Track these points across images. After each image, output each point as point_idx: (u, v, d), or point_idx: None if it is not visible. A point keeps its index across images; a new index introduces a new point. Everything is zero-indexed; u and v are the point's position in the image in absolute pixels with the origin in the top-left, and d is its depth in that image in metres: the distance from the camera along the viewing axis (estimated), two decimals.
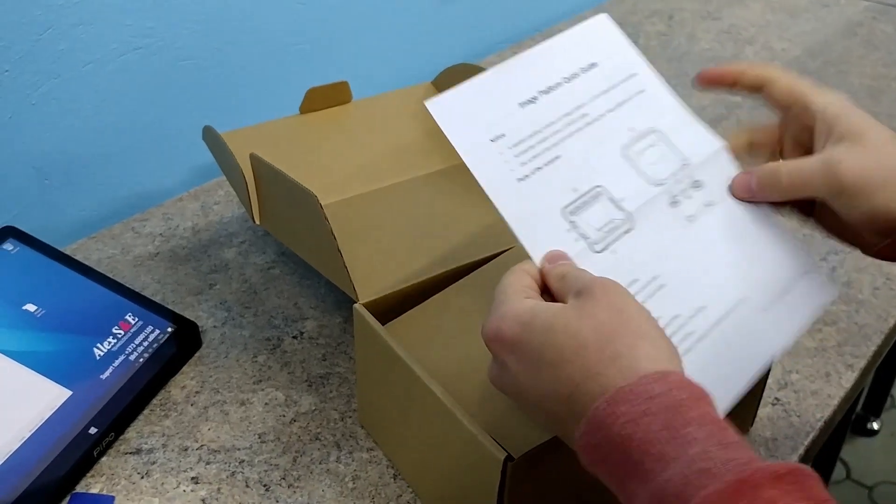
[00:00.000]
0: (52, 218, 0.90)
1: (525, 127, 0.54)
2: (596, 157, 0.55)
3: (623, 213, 0.53)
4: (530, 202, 0.52)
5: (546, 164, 0.53)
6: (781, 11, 1.51)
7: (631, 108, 0.57)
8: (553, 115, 0.55)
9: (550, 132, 0.54)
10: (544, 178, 0.53)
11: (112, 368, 0.69)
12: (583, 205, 0.53)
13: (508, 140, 0.53)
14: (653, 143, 0.57)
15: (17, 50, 0.80)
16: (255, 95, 1.02)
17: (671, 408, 0.40)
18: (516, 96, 0.55)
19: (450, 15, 1.22)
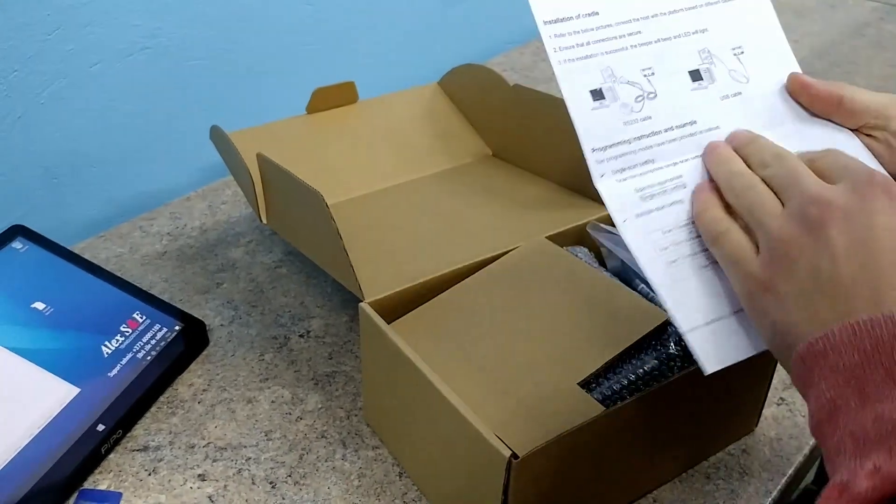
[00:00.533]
0: (60, 217, 0.91)
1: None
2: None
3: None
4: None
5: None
6: (788, 12, 1.51)
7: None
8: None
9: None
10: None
11: (120, 366, 0.69)
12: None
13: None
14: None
15: (25, 50, 0.81)
16: (262, 96, 1.03)
17: None
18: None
19: (455, 16, 1.22)
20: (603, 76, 0.53)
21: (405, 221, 0.75)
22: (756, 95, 0.56)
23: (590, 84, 0.53)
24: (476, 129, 0.89)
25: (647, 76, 0.54)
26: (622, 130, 0.52)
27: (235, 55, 0.98)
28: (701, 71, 0.55)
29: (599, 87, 0.53)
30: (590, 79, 0.53)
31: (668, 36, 0.56)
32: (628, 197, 0.51)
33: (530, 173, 0.82)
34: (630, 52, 0.54)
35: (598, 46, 0.54)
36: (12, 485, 0.60)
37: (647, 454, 0.60)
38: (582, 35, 0.54)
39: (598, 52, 0.54)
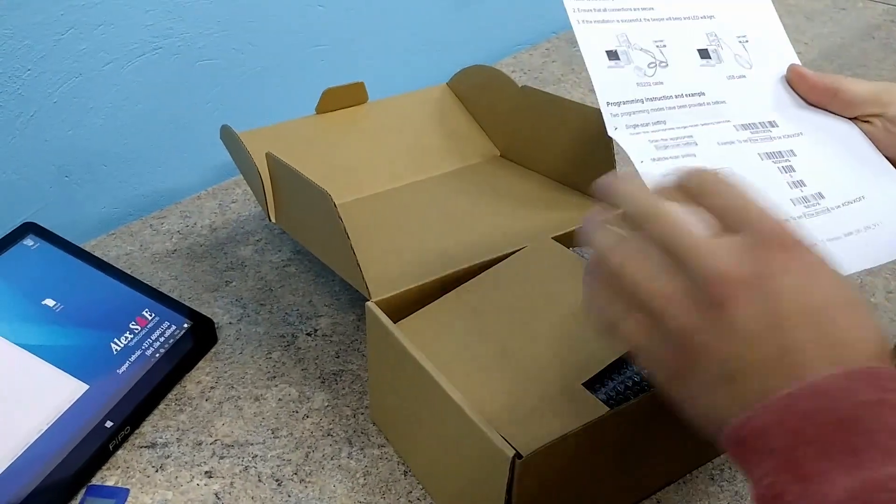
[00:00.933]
0: (72, 214, 0.92)
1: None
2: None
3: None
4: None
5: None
6: (798, 14, 1.50)
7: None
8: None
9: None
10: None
11: (128, 363, 0.70)
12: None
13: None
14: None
15: (39, 49, 0.81)
16: (272, 95, 1.03)
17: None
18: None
19: (466, 17, 1.23)
20: (618, 40, 0.56)
21: (413, 221, 0.75)
22: (759, 81, 0.58)
23: (606, 45, 0.56)
24: (484, 130, 0.89)
25: (660, 47, 0.56)
26: (635, 90, 0.54)
27: (247, 55, 0.98)
28: (709, 51, 0.58)
29: (615, 49, 0.55)
30: (606, 40, 0.56)
31: (678, 16, 0.58)
32: (644, 146, 0.53)
33: (538, 174, 0.82)
34: (643, 23, 0.57)
35: (613, 14, 0.57)
36: (22, 480, 0.61)
37: (652, 455, 0.61)
38: (599, 1, 0.56)
39: (614, 18, 0.57)
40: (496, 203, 0.77)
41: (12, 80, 0.81)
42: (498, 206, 0.77)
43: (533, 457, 0.50)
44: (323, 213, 0.63)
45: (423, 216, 0.76)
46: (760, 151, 0.54)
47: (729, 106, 0.56)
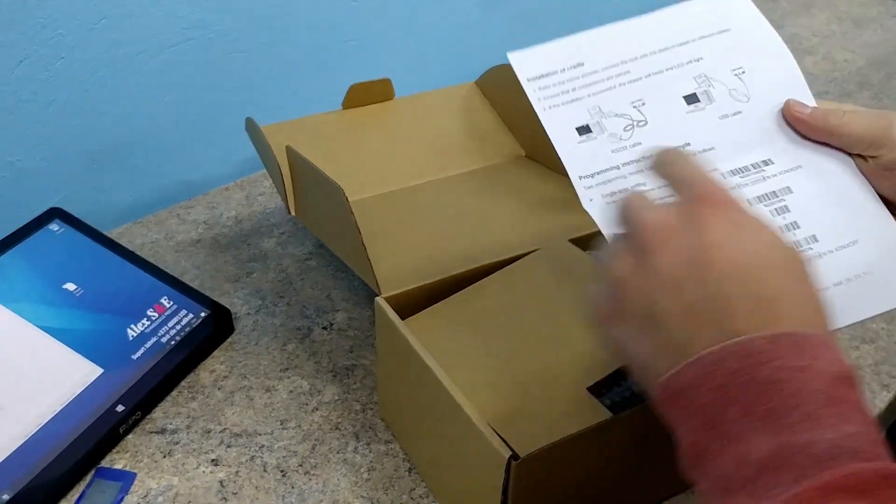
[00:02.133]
0: (100, 201, 0.93)
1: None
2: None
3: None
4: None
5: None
6: (848, 21, 1.47)
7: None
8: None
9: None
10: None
11: (144, 349, 0.71)
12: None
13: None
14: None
15: (72, 38, 0.83)
16: (300, 89, 1.04)
17: (836, 377, 0.37)
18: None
19: (497, 16, 1.22)
20: (590, 114, 0.54)
21: (430, 219, 0.75)
22: (757, 115, 0.56)
23: (576, 122, 0.54)
24: (510, 130, 0.89)
25: (638, 107, 0.55)
26: (610, 157, 0.53)
27: (277, 48, 0.99)
28: (698, 94, 0.56)
29: (586, 123, 0.54)
30: (575, 117, 0.54)
31: (659, 70, 0.56)
32: None
33: (561, 175, 0.81)
34: (617, 90, 0.56)
35: (583, 91, 0.55)
36: (32, 460, 0.62)
37: (656, 463, 0.60)
38: (567, 84, 0.56)
39: (584, 94, 0.55)
40: (516, 203, 0.77)
41: (45, 68, 0.82)
42: (517, 206, 0.76)
43: (529, 459, 0.50)
44: (337, 207, 0.63)
45: (440, 214, 0.76)
46: (752, 196, 0.52)
47: (718, 152, 0.54)
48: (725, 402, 0.37)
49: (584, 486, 0.56)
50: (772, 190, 0.53)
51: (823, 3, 1.52)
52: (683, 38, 0.57)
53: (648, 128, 0.54)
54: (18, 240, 0.76)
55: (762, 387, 0.36)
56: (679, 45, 0.57)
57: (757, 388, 0.36)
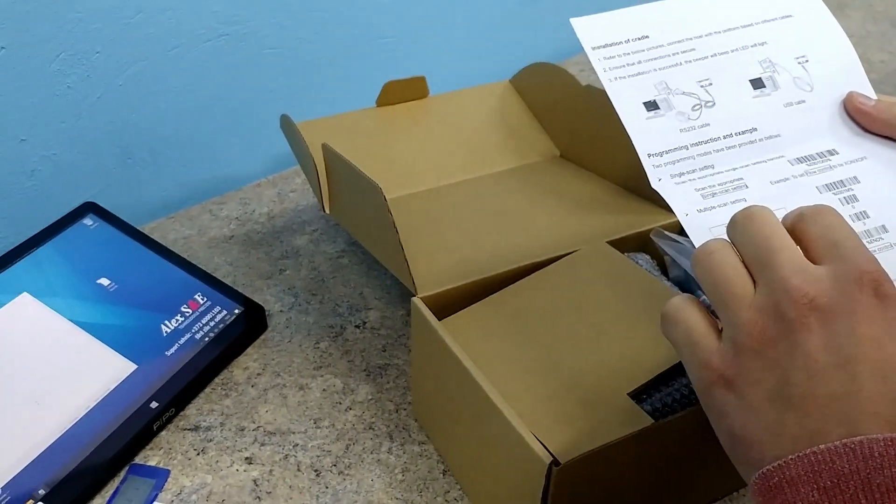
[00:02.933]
0: (133, 196, 0.93)
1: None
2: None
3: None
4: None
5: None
6: (885, 22, 1.45)
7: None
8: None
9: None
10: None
11: (177, 346, 0.71)
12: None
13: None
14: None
15: (108, 32, 0.83)
16: (334, 86, 1.04)
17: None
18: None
19: (534, 14, 1.21)
20: (657, 89, 0.53)
21: (465, 218, 0.74)
22: (820, 104, 0.55)
23: (643, 97, 0.53)
24: (545, 129, 0.88)
25: (705, 86, 0.54)
26: (679, 137, 0.51)
27: (311, 45, 0.99)
28: (763, 79, 0.54)
29: (653, 99, 0.53)
30: (643, 92, 0.53)
31: (725, 50, 0.55)
32: (690, 195, 0.50)
33: (597, 175, 0.80)
34: (684, 66, 0.54)
35: (649, 65, 0.54)
36: (67, 455, 0.62)
37: (696, 470, 0.59)
38: (633, 56, 0.54)
39: (651, 69, 0.54)
40: (552, 204, 0.76)
41: (81, 63, 0.82)
42: (553, 206, 0.75)
43: (570, 465, 0.49)
44: (374, 206, 0.63)
45: (476, 214, 0.75)
46: (819, 184, 0.51)
47: (784, 139, 0.53)
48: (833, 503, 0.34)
49: (623, 492, 0.55)
50: (839, 179, 0.52)
51: (858, 2, 1.50)
52: (747, 19, 0.56)
53: (716, 109, 0.53)
54: (53, 234, 0.76)
55: (877, 495, 0.33)
56: (743, 27, 0.56)
57: (871, 494, 0.33)
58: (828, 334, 0.37)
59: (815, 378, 0.37)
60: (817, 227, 0.40)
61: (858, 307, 0.37)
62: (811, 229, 0.40)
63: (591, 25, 0.55)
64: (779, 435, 0.37)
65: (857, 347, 0.36)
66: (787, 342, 0.37)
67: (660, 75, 0.54)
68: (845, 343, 0.36)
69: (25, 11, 0.77)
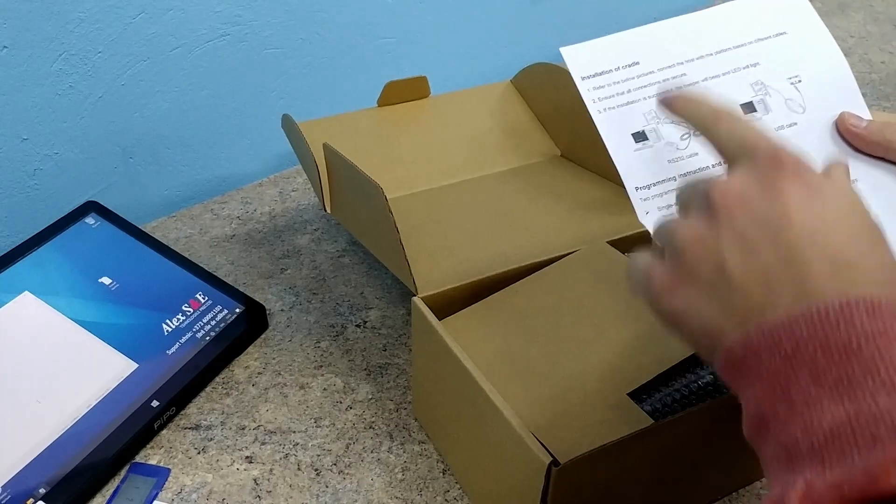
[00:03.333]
0: (135, 195, 0.93)
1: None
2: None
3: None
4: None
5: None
6: (886, 22, 1.45)
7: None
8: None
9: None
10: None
11: (178, 345, 0.71)
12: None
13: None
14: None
15: (110, 32, 0.83)
16: (336, 86, 1.04)
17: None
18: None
19: (535, 15, 1.21)
20: (646, 118, 0.53)
21: (466, 218, 0.75)
22: (811, 126, 0.54)
23: (632, 128, 0.53)
24: (546, 129, 0.88)
25: None
26: (667, 168, 0.51)
27: (312, 45, 0.99)
28: (755, 103, 0.54)
29: (642, 129, 0.52)
30: (631, 122, 0.53)
31: (716, 74, 0.55)
32: None
33: (598, 176, 0.81)
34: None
35: (639, 93, 0.54)
36: (68, 453, 0.62)
37: (696, 470, 0.59)
38: (622, 84, 0.54)
39: (640, 97, 0.54)
40: (553, 204, 0.76)
41: (83, 62, 0.83)
42: (554, 206, 0.75)
43: (570, 465, 0.49)
44: (375, 205, 0.63)
45: (477, 214, 0.75)
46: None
47: None
48: (796, 368, 0.35)
49: (623, 492, 0.56)
50: None
51: (859, 3, 1.50)
52: (740, 39, 0.56)
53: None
54: (55, 233, 0.76)
55: (836, 352, 0.35)
56: (735, 48, 0.56)
57: (829, 354, 0.35)
58: (754, 213, 0.39)
59: (750, 253, 0.38)
60: (721, 132, 0.43)
61: (777, 183, 0.39)
62: (717, 136, 0.44)
63: (581, 53, 0.55)
64: (731, 316, 0.38)
65: (785, 217, 0.38)
66: (715, 231, 0.39)
67: (649, 104, 0.53)
68: (773, 216, 0.38)
69: (28, 11, 0.77)
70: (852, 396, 0.34)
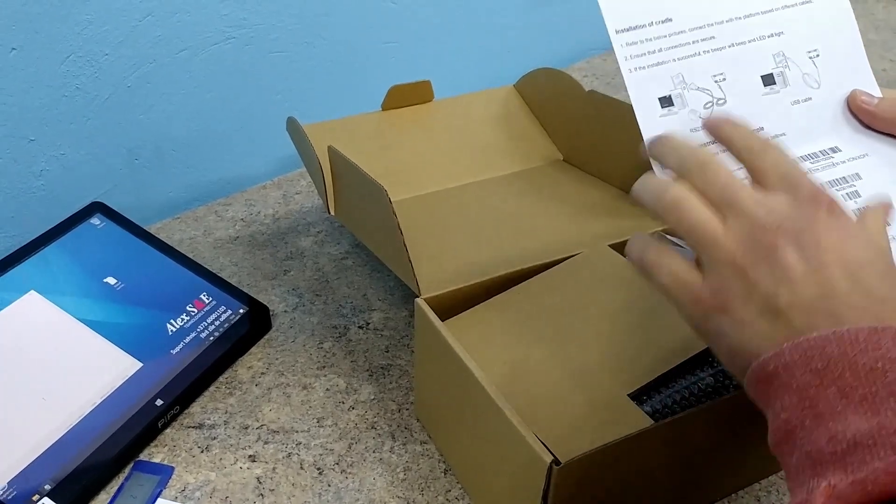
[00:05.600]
0: (140, 196, 0.94)
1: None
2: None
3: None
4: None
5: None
6: (886, 30, 1.46)
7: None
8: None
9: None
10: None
11: (183, 344, 0.71)
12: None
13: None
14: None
15: (117, 35, 0.84)
16: (340, 90, 1.04)
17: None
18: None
19: (538, 20, 1.22)
20: (673, 82, 0.53)
21: (469, 221, 0.75)
22: (825, 102, 0.56)
23: (659, 91, 0.53)
24: (549, 134, 0.89)
25: (719, 82, 0.54)
26: (689, 137, 0.52)
27: (317, 49, 0.99)
28: (774, 75, 0.55)
29: (669, 94, 0.53)
30: (659, 86, 0.53)
31: (742, 40, 0.56)
32: None
33: (600, 180, 0.81)
34: (702, 57, 0.54)
35: (670, 53, 0.54)
36: (73, 451, 0.63)
37: (696, 471, 0.59)
38: (654, 42, 0.54)
39: (670, 58, 0.54)
40: (555, 207, 0.77)
41: (90, 64, 0.83)
42: (556, 210, 0.76)
43: (571, 465, 0.49)
44: (379, 208, 0.63)
45: (480, 217, 0.76)
46: (823, 181, 0.52)
47: (789, 137, 0.54)
48: (825, 383, 0.38)
49: (623, 492, 0.56)
50: (842, 175, 0.53)
51: (860, 11, 1.50)
52: (769, 4, 0.57)
53: (727, 108, 0.54)
54: (61, 233, 0.77)
55: (862, 372, 0.38)
56: (763, 13, 0.56)
57: (857, 373, 0.38)
58: (798, 248, 0.42)
59: (796, 285, 0.42)
60: (767, 161, 0.46)
61: (818, 223, 0.43)
62: (761, 164, 0.46)
63: (617, 3, 0.55)
64: (772, 339, 0.41)
65: (825, 254, 0.42)
66: (765, 263, 0.42)
67: (678, 66, 0.54)
68: (814, 253, 0.42)
69: (37, 13, 0.78)
70: (875, 412, 0.36)
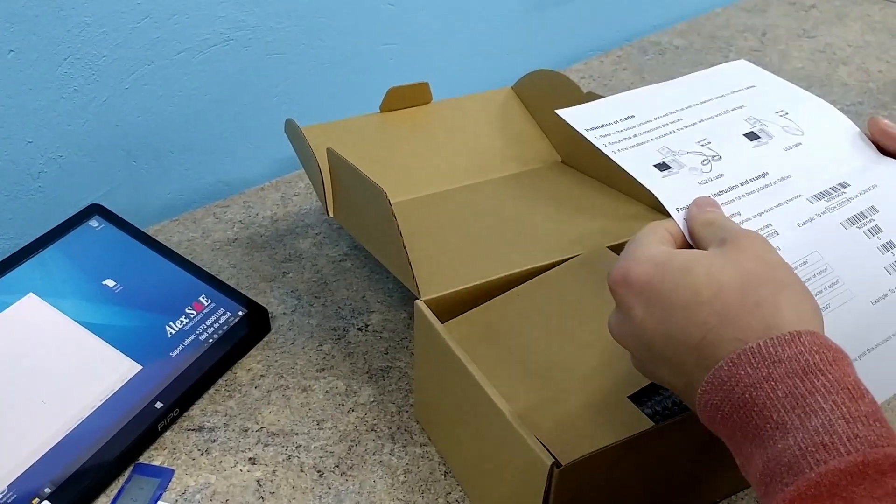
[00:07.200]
0: (138, 198, 0.94)
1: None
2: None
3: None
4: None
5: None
6: (883, 32, 1.46)
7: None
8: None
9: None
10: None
11: (182, 347, 0.71)
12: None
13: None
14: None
15: (115, 36, 0.84)
16: (338, 92, 1.04)
17: (798, 373, 0.39)
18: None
19: (536, 22, 1.22)
20: (661, 153, 0.55)
21: (468, 223, 0.75)
22: (815, 143, 0.56)
23: (652, 160, 0.55)
24: (547, 135, 0.89)
25: (705, 145, 0.56)
26: (699, 189, 0.53)
27: (315, 51, 1.00)
28: (756, 132, 0.57)
29: (663, 161, 0.54)
30: (650, 157, 0.55)
31: (709, 116, 0.58)
32: None
33: (598, 182, 0.81)
34: (679, 133, 0.57)
35: (645, 136, 0.57)
36: (73, 454, 0.63)
37: (696, 473, 0.59)
38: (626, 132, 0.57)
39: (648, 139, 0.57)
40: (553, 209, 0.77)
41: (88, 66, 0.83)
42: (555, 212, 0.76)
43: (572, 467, 0.50)
44: (378, 210, 0.63)
45: (478, 219, 0.76)
46: (842, 219, 0.52)
47: (796, 179, 0.54)
48: (731, 427, 0.41)
49: (624, 494, 0.56)
50: (859, 211, 0.52)
51: (857, 13, 1.51)
52: (719, 91, 0.60)
53: (724, 161, 0.54)
54: (59, 235, 0.77)
55: (739, 411, 0.40)
56: (717, 98, 0.59)
57: (738, 412, 0.40)
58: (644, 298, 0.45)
59: (671, 331, 0.44)
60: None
61: (629, 298, 0.46)
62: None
63: (578, 114, 0.58)
64: (691, 384, 0.44)
65: (664, 298, 0.45)
66: (638, 317, 0.46)
67: (659, 142, 0.56)
68: (656, 297, 0.45)
69: (35, 15, 0.78)
70: (763, 445, 0.39)
